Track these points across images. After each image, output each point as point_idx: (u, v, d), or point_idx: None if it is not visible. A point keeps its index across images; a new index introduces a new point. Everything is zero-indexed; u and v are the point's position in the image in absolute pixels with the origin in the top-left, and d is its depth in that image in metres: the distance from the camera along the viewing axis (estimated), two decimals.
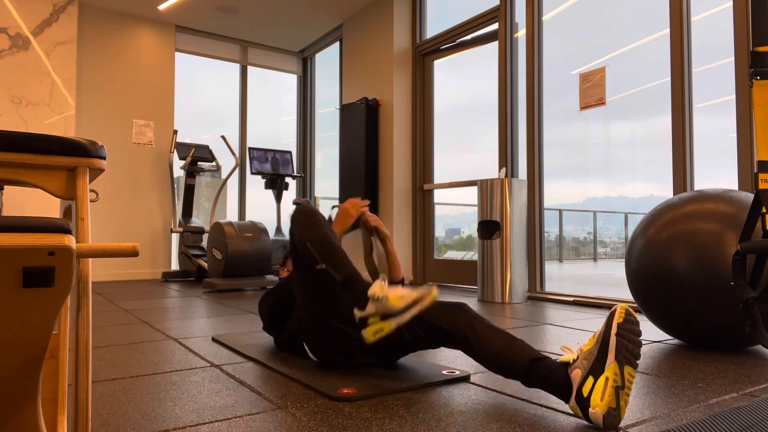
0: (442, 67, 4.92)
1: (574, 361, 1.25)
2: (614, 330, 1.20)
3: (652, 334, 2.39)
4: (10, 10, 4.66)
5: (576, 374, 1.22)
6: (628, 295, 3.42)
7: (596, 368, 1.19)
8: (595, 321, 2.76)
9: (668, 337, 2.31)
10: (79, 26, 5.21)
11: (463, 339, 1.46)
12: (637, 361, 1.20)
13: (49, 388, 1.00)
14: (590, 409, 1.17)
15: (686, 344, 2.16)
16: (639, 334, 1.22)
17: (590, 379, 1.19)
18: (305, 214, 1.65)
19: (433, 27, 4.96)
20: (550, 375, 1.28)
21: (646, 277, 2.08)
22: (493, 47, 4.32)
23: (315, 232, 1.59)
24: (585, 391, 1.19)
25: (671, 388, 1.53)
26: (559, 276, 7.26)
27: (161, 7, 5.32)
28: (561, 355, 1.88)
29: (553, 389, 1.27)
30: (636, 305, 3.09)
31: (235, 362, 1.84)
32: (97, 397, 1.44)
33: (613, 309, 1.24)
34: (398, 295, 1.37)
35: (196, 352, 2.00)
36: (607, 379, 1.17)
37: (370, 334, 1.39)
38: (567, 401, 1.24)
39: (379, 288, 1.41)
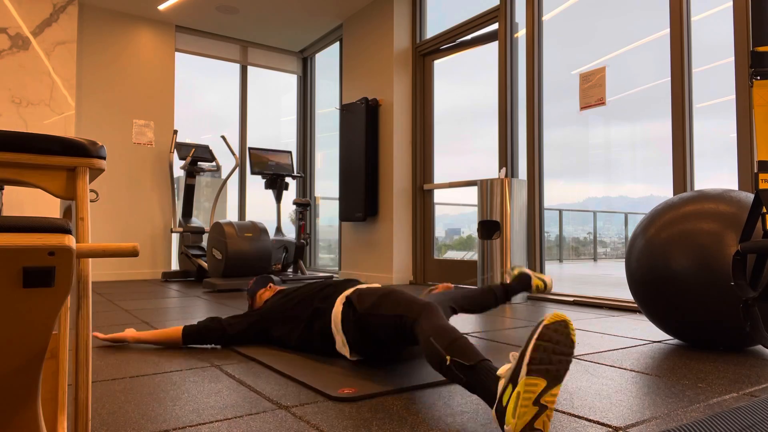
0: (442, 67, 4.92)
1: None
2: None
3: (652, 334, 2.39)
4: (10, 10, 4.66)
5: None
6: (628, 295, 3.42)
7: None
8: (595, 321, 2.77)
9: (668, 337, 2.31)
10: (79, 26, 5.21)
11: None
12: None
13: (49, 388, 1.00)
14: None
15: (686, 344, 2.16)
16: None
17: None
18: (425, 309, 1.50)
19: (433, 27, 4.96)
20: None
21: (646, 277, 2.08)
22: (493, 47, 4.32)
23: (435, 323, 1.41)
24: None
25: (671, 388, 1.53)
26: (559, 276, 7.26)
27: (161, 7, 5.32)
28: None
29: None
30: (636, 305, 3.09)
31: (235, 362, 1.84)
32: (97, 397, 1.44)
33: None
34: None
35: (196, 352, 2.00)
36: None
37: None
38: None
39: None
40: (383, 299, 1.65)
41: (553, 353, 1.05)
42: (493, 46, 4.32)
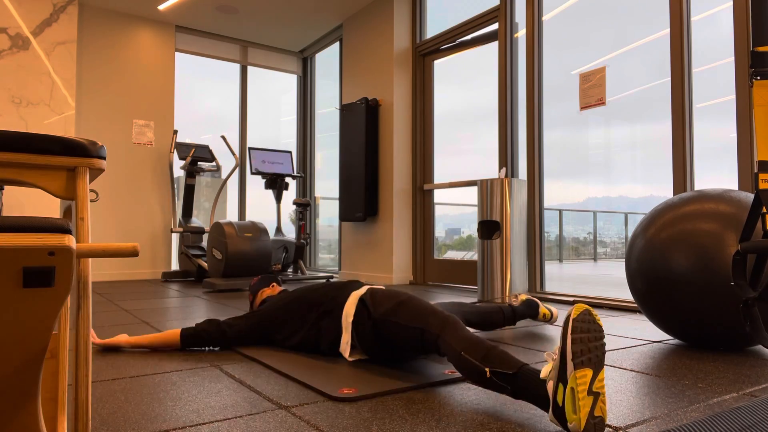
0: (442, 67, 4.92)
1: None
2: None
3: (652, 334, 2.39)
4: (10, 10, 4.66)
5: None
6: (628, 295, 3.42)
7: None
8: None
9: (668, 337, 2.31)
10: (79, 26, 5.21)
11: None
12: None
13: (49, 388, 1.00)
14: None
15: (686, 344, 2.16)
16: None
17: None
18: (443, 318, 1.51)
19: (433, 27, 4.96)
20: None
21: (647, 277, 2.08)
22: (493, 47, 4.32)
23: (461, 336, 1.41)
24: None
25: (671, 388, 1.53)
26: (559, 276, 7.26)
27: (161, 7, 5.32)
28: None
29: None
30: (636, 305, 3.09)
31: (235, 362, 1.84)
32: (97, 397, 1.44)
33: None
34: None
35: (196, 352, 2.00)
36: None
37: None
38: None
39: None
40: (401, 308, 1.64)
41: (589, 341, 1.12)
42: (493, 46, 4.32)
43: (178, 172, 5.59)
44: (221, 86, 6.37)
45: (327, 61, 6.42)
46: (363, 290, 1.82)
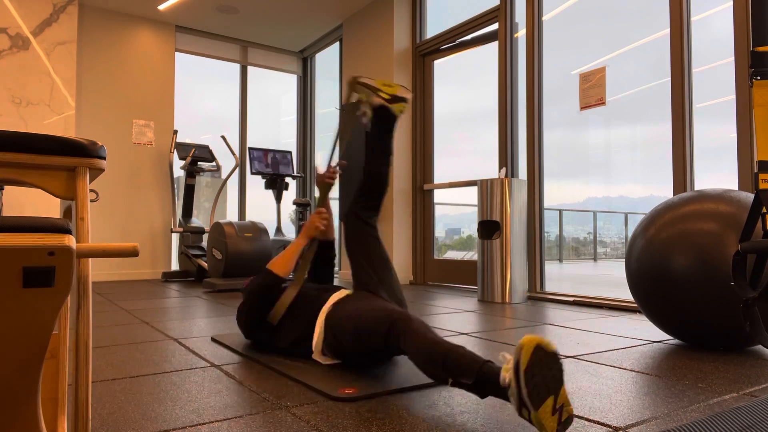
0: (442, 67, 4.92)
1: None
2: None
3: (652, 334, 2.39)
4: (10, 10, 4.66)
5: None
6: (628, 295, 3.42)
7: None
8: (595, 321, 2.76)
9: (668, 337, 2.31)
10: (79, 26, 5.21)
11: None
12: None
13: (49, 388, 1.00)
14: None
15: (686, 344, 2.16)
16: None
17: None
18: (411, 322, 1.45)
19: (433, 27, 4.96)
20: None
21: (647, 277, 2.08)
22: (493, 47, 4.32)
23: (420, 342, 1.38)
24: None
25: (671, 388, 1.53)
26: (559, 276, 7.26)
27: (161, 7, 5.32)
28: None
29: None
30: (636, 305, 3.09)
31: (235, 362, 1.84)
32: (97, 397, 1.44)
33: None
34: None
35: (196, 352, 2.00)
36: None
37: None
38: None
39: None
40: (359, 329, 1.58)
41: (543, 373, 1.10)
42: (493, 46, 4.32)
43: (178, 172, 5.59)
44: (221, 86, 6.37)
45: (327, 61, 6.41)
46: (327, 308, 1.79)
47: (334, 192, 6.03)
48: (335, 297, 1.83)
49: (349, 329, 1.61)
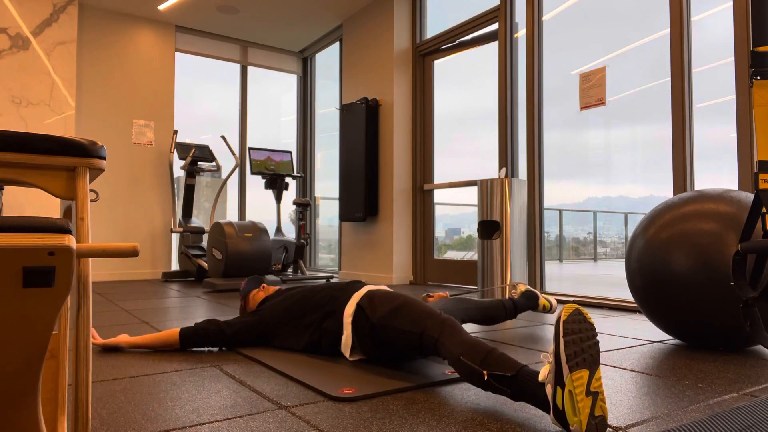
0: (442, 67, 4.92)
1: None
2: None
3: (652, 334, 2.39)
4: (10, 10, 4.66)
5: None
6: (628, 295, 3.42)
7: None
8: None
9: (668, 337, 2.30)
10: (79, 26, 5.21)
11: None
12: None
13: (49, 388, 1.00)
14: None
15: (686, 344, 2.16)
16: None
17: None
18: (444, 323, 1.51)
19: (433, 27, 4.96)
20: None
21: (647, 277, 2.08)
22: (493, 47, 4.32)
23: (459, 339, 1.42)
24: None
25: (671, 388, 1.53)
26: (559, 276, 7.26)
27: (161, 7, 5.32)
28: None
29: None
30: (636, 305, 3.09)
31: (235, 362, 1.84)
32: (97, 397, 1.44)
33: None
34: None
35: (196, 352, 2.00)
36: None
37: None
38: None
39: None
40: (399, 312, 1.63)
41: (582, 342, 1.12)
42: (493, 46, 4.32)
43: (178, 172, 5.59)
44: (221, 86, 6.37)
45: (327, 61, 6.42)
46: (362, 292, 1.82)
47: (333, 193, 6.03)
48: (360, 293, 1.83)
49: (386, 311, 1.66)
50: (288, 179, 5.57)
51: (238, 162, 5.50)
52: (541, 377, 1.18)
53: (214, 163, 5.40)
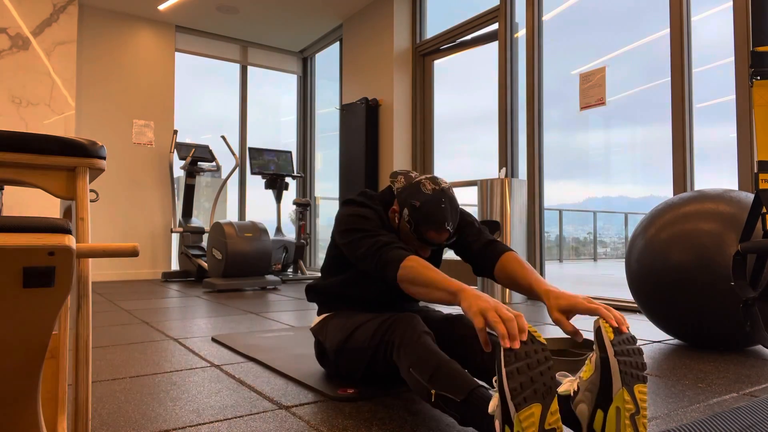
0: (442, 67, 4.92)
1: (576, 393, 1.04)
2: (610, 351, 0.99)
3: (652, 334, 2.39)
4: (10, 10, 4.66)
5: (582, 409, 1.03)
6: (628, 295, 3.42)
7: (603, 399, 1.00)
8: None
9: (668, 337, 2.30)
10: (79, 26, 5.21)
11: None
12: (645, 373, 1.00)
13: (49, 388, 1.00)
14: None
15: (686, 344, 2.16)
16: (635, 341, 1.03)
17: (599, 413, 1.00)
18: (407, 328, 1.25)
19: (433, 27, 4.96)
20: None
21: (647, 277, 2.08)
22: (493, 47, 4.32)
23: (413, 347, 1.21)
24: (597, 427, 1.00)
25: (671, 388, 1.53)
26: (559, 276, 7.25)
27: (161, 7, 5.32)
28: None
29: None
30: (636, 305, 3.08)
31: (235, 362, 1.84)
32: (97, 397, 1.44)
33: (596, 326, 1.05)
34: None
35: (196, 352, 2.00)
36: (618, 409, 0.97)
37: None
38: None
39: None
40: (355, 332, 1.40)
41: (530, 369, 0.93)
42: (493, 46, 4.32)
43: (178, 172, 5.59)
44: (221, 86, 6.37)
45: (327, 61, 6.41)
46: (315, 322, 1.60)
47: (333, 193, 6.02)
48: None
49: (343, 335, 1.44)
50: (288, 179, 5.56)
51: (238, 162, 5.50)
52: (490, 408, 1.00)
53: (214, 163, 5.40)
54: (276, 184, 5.37)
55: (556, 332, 2.44)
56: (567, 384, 1.08)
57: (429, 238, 1.38)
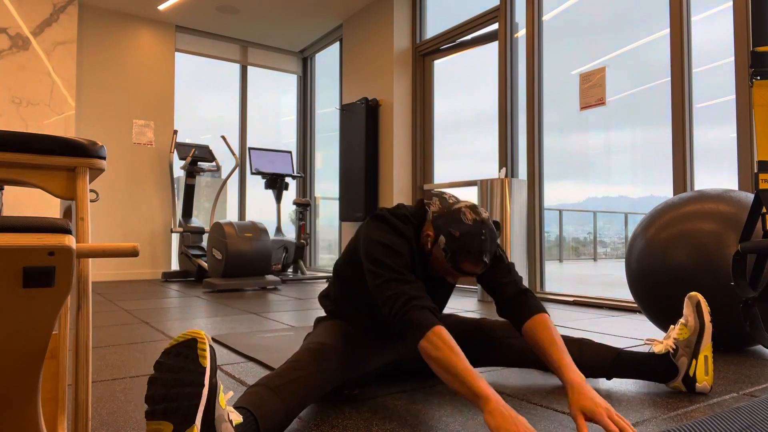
0: (442, 67, 4.92)
1: (675, 350, 1.45)
2: (707, 319, 1.44)
3: (652, 334, 2.39)
4: (10, 10, 4.66)
5: (683, 362, 1.45)
6: (628, 295, 3.42)
7: (695, 352, 1.44)
8: (595, 321, 2.76)
9: None
10: (79, 26, 5.21)
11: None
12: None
13: (49, 388, 1.00)
14: (697, 384, 1.44)
15: None
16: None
17: (693, 362, 1.44)
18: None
19: (433, 27, 4.96)
20: (640, 364, 1.49)
21: (647, 277, 2.08)
22: (493, 47, 4.32)
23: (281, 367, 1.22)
24: (691, 372, 1.44)
25: (671, 388, 1.53)
26: (559, 276, 7.26)
27: (161, 7, 5.32)
28: None
29: (647, 375, 1.49)
30: (636, 305, 3.09)
31: (235, 362, 1.84)
32: (97, 397, 1.44)
33: (695, 301, 1.45)
34: None
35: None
36: (705, 357, 1.44)
37: None
38: (666, 382, 1.49)
39: None
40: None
41: (174, 386, 0.87)
42: (493, 46, 4.32)
43: (178, 172, 5.59)
44: (221, 86, 6.37)
45: (327, 61, 6.41)
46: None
47: (333, 193, 6.02)
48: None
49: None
50: (288, 179, 5.56)
51: (238, 162, 5.50)
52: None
53: (214, 163, 5.40)
54: (276, 184, 5.37)
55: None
56: (661, 345, 1.49)
57: (464, 269, 1.33)
